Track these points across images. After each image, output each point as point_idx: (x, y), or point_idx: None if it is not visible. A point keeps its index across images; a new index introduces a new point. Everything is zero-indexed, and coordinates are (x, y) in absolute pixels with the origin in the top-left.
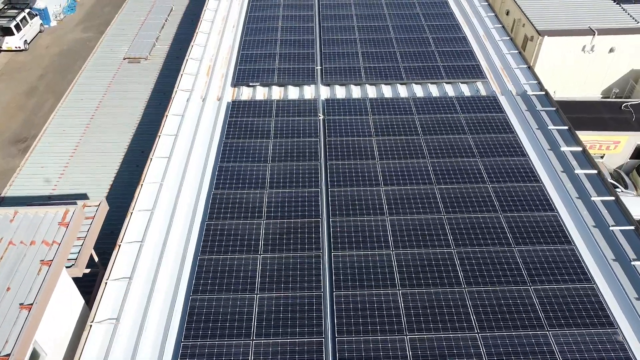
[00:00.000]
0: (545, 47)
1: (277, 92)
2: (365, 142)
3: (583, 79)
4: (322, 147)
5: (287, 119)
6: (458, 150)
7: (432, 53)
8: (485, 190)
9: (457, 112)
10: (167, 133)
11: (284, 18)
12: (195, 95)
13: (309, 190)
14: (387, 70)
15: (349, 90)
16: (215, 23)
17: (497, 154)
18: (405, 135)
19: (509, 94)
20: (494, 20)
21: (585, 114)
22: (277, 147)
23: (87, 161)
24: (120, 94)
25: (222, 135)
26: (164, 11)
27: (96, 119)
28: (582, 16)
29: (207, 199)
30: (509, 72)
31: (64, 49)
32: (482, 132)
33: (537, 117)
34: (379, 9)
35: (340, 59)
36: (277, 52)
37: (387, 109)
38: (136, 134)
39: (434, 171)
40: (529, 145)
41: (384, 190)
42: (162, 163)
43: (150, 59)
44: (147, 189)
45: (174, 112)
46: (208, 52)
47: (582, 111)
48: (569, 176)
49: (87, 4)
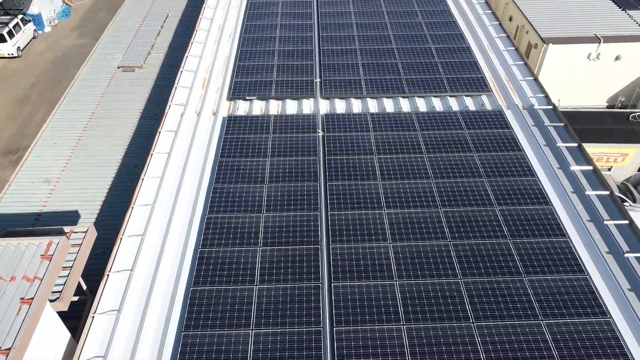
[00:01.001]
0: (549, 55)
1: (275, 106)
2: (366, 161)
3: (588, 87)
4: (322, 166)
5: (285, 135)
6: (464, 169)
7: (434, 64)
8: (493, 214)
9: (462, 128)
10: (160, 151)
11: (281, 27)
12: (189, 109)
13: (308, 214)
14: (389, 83)
15: (349, 104)
16: (211, 32)
17: (505, 174)
18: (408, 153)
19: (515, 108)
20: (498, 30)
21: (592, 125)
22: (275, 166)
23: (78, 176)
24: (114, 105)
25: (217, 153)
26: (159, 17)
27: (89, 131)
28: (587, 23)
29: (201, 223)
30: (515, 84)
31: (58, 56)
32: (488, 149)
33: (545, 133)
34: (380, 17)
35: (340, 71)
36: (274, 64)
37: (389, 124)
38: (130, 147)
39: (438, 193)
40: (537, 164)
41: (386, 214)
42: (154, 183)
43: (145, 68)
44: (138, 212)
45: (167, 128)
46: (203, 63)
47: (588, 122)
48: (580, 198)
49: (82, 9)
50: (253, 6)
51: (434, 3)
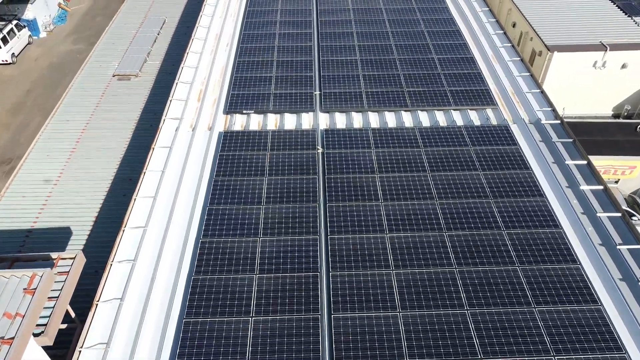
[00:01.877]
0: (554, 63)
1: (273, 120)
2: (367, 180)
3: (593, 95)
4: (321, 186)
5: (283, 152)
6: (469, 189)
7: (438, 76)
8: (500, 238)
9: (467, 144)
10: (153, 169)
11: (280, 36)
12: (184, 124)
13: (307, 238)
14: (391, 95)
15: (350, 118)
16: (208, 41)
17: (512, 194)
18: (411, 171)
19: (521, 123)
20: (502, 39)
21: (599, 136)
22: (272, 186)
23: (71, 190)
24: (109, 115)
25: (212, 171)
26: (156, 23)
27: (82, 143)
28: (593, 30)
29: (195, 248)
30: (521, 97)
31: (54, 62)
32: (494, 167)
33: (553, 149)
34: (382, 26)
35: (340, 83)
36: (273, 75)
37: (391, 140)
38: (124, 159)
39: (443, 215)
40: (546, 183)
41: (388, 238)
42: (146, 204)
43: (141, 76)
44: (129, 236)
45: (161, 143)
46: (199, 74)
47: (595, 133)
48: (591, 220)
49: (78, 13)
50: (251, 14)
51: (437, 11)
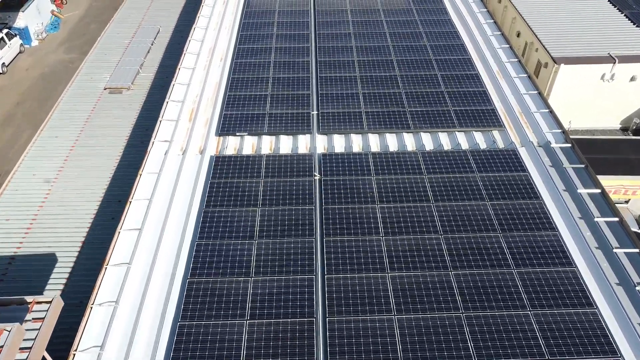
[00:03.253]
0: (561, 75)
1: (268, 142)
2: (367, 211)
3: (601, 108)
4: (318, 218)
5: (278, 180)
6: (476, 221)
7: (441, 94)
8: (511, 278)
9: (473, 170)
10: (140, 197)
11: (277, 51)
12: (174, 147)
13: (302, 278)
14: (392, 116)
15: (349, 140)
16: (201, 56)
17: (522, 228)
18: (414, 201)
19: (530, 146)
20: (508, 54)
21: (609, 154)
22: (266, 218)
23: (57, 212)
24: (99, 131)
25: (202, 200)
26: (150, 33)
27: (70, 161)
28: (600, 42)
29: (182, 289)
30: (529, 117)
31: (45, 72)
32: (502, 197)
33: (564, 176)
34: (382, 40)
35: (339, 102)
36: (268, 93)
37: (392, 166)
38: (114, 179)
39: (448, 251)
40: (557, 215)
41: (390, 277)
42: (131, 237)
43: (133, 89)
44: (112, 273)
45: (149, 169)
46: (191, 91)
47: (605, 150)
48: (606, 256)
49: (72, 21)
50: (246, 26)
51: (440, 23)
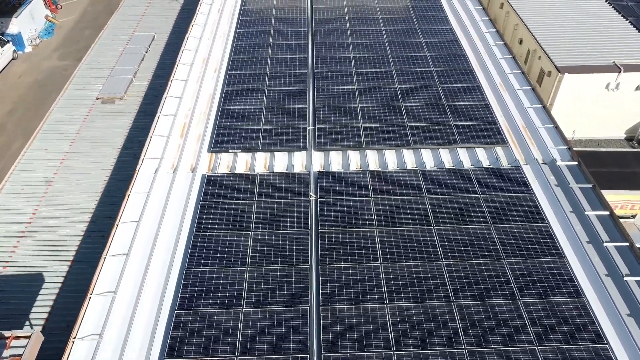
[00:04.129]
0: (565, 84)
1: (262, 160)
2: (365, 236)
3: (605, 118)
4: (314, 242)
5: (272, 201)
6: (479, 247)
7: (442, 108)
8: (516, 310)
9: (475, 190)
10: (128, 219)
11: (272, 62)
12: (165, 165)
13: (296, 309)
14: (391, 131)
15: (347, 157)
16: (194, 67)
17: (528, 254)
18: (414, 224)
19: (534, 163)
20: (511, 64)
21: (615, 168)
22: (259, 243)
23: (46, 229)
24: (90, 143)
25: (192, 224)
26: (144, 40)
27: (60, 175)
28: (605, 50)
29: (169, 322)
30: (533, 132)
31: (39, 79)
32: (507, 220)
33: (571, 197)
34: (382, 50)
35: (337, 116)
36: (263, 107)
37: (391, 186)
38: (104, 194)
39: (450, 280)
40: (564, 239)
41: (389, 309)
42: (118, 263)
43: (126, 99)
44: (97, 303)
45: (138, 189)
46: (184, 105)
47: (610, 163)
48: (616, 283)
49: (66, 26)
50: (242, 36)
51: (441, 33)
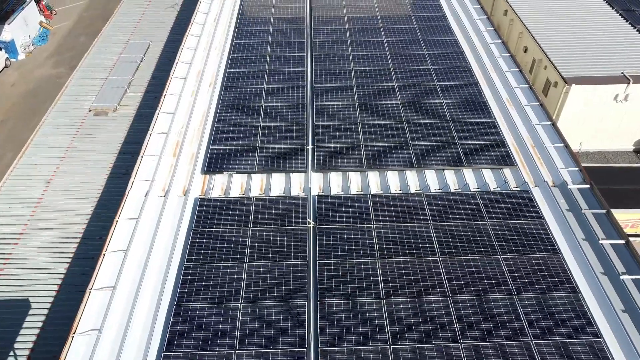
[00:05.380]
0: (572, 96)
1: (258, 182)
2: (367, 268)
3: (613, 130)
4: (312, 276)
5: (267, 228)
6: (487, 280)
7: (447, 126)
8: (529, 352)
9: (483, 216)
10: (115, 249)
11: (270, 75)
12: (155, 187)
13: (292, 352)
14: (394, 151)
15: (347, 179)
16: (189, 81)
17: (539, 287)
18: (418, 255)
19: (544, 186)
20: (518, 78)
21: (628, 185)
22: (253, 277)
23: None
24: (81, 158)
25: (184, 253)
26: (140, 48)
27: (50, 192)
28: (613, 60)
29: None
30: (542, 152)
31: (31, 88)
32: (516, 250)
33: (583, 223)
34: (383, 63)
35: (337, 135)
36: (259, 125)
37: (394, 211)
38: (95, 213)
39: (458, 318)
40: (578, 271)
41: (392, 351)
42: (103, 298)
43: (120, 110)
44: (80, 342)
45: (127, 214)
46: (177, 121)
47: (622, 180)
48: (634, 320)
49: (61, 33)
50: (238, 47)
51: (445, 44)
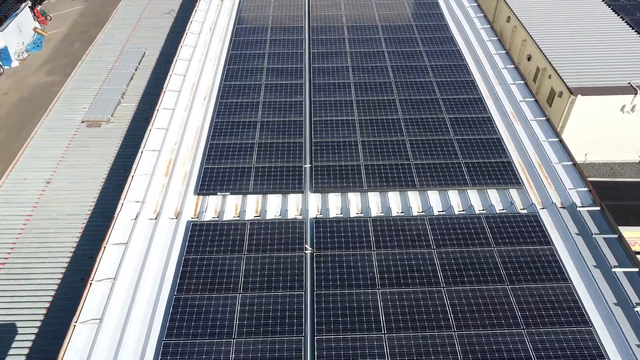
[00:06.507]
0: (577, 107)
1: (254, 203)
2: (367, 299)
3: (620, 141)
4: (309, 306)
5: (262, 255)
6: (495, 313)
7: (450, 143)
8: None
9: (489, 242)
10: (102, 277)
11: (267, 88)
12: (146, 209)
13: None
14: (395, 171)
15: (346, 201)
16: (182, 94)
17: (550, 322)
18: (422, 285)
19: (552, 208)
20: (524, 91)
21: (633, 200)
22: (247, 307)
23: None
24: (72, 172)
25: (174, 282)
26: (134, 57)
27: (39, 209)
28: (620, 70)
29: None
30: (549, 170)
31: (24, 96)
32: (525, 279)
33: (594, 249)
34: (384, 75)
35: (336, 152)
36: (255, 142)
37: (395, 236)
38: (86, 229)
39: (463, 355)
40: (590, 302)
41: None
42: (89, 332)
43: (113, 122)
44: None
45: (115, 239)
46: (170, 138)
47: (629, 196)
48: None
49: (55, 39)
50: (234, 59)
51: (448, 55)
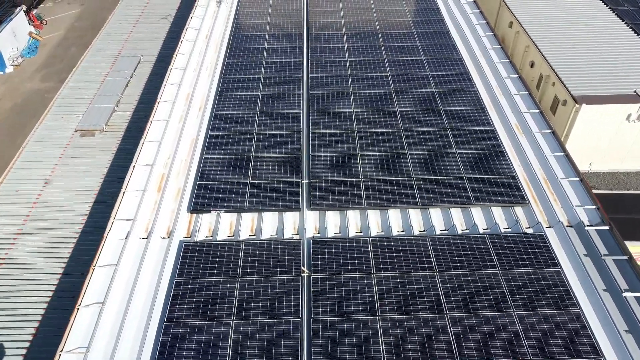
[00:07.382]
0: (582, 115)
1: (249, 222)
2: (366, 328)
3: (625, 150)
4: (306, 335)
5: (257, 278)
6: (500, 342)
7: (452, 157)
8: None
9: (494, 264)
10: (90, 302)
11: (263, 99)
12: (137, 228)
13: None
14: (396, 187)
15: (345, 219)
16: (177, 104)
17: (559, 350)
18: (424, 311)
19: (559, 227)
20: (528, 102)
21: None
22: (240, 337)
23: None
24: (64, 185)
25: (165, 308)
26: (130, 63)
27: (30, 223)
28: (625, 78)
29: None
30: (556, 187)
31: (18, 103)
32: (531, 305)
33: (603, 271)
34: (384, 85)
35: (335, 167)
36: (251, 156)
37: (396, 257)
38: (78, 244)
39: None
40: (600, 330)
41: None
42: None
43: (107, 131)
44: None
45: (104, 261)
46: (163, 151)
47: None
48: None
49: (51, 43)
50: (230, 68)
51: (450, 65)
